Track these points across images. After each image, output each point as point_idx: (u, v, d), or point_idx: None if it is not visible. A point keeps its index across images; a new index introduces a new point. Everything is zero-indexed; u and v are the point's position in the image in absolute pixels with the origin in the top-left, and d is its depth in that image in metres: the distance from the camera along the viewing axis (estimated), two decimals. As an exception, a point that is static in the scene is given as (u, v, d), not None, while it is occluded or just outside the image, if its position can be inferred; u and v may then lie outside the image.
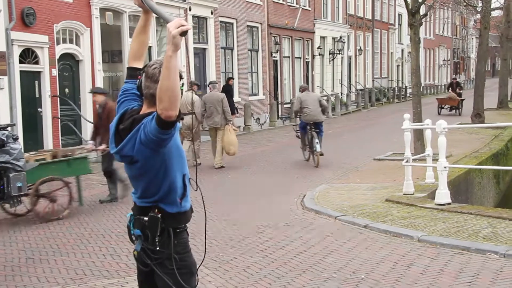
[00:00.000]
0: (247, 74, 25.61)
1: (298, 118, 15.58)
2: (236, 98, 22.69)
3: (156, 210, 3.21)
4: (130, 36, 17.36)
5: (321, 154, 13.94)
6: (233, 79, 22.62)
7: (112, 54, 18.23)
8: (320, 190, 10.83)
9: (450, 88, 31.08)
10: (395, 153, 14.79)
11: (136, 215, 3.29)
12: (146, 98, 3.19)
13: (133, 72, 3.42)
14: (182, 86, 3.41)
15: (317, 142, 13.82)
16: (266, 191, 11.03)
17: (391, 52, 45.92)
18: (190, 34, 21.26)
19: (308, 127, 14.18)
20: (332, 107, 29.79)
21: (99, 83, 16.78)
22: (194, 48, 21.74)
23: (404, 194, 9.80)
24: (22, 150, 8.90)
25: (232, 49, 24.67)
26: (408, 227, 7.66)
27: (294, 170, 13.53)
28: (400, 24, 47.45)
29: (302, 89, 15.27)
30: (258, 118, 24.41)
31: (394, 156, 14.51)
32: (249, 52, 26.06)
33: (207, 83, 15.83)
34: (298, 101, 14.59)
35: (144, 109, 3.20)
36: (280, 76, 28.81)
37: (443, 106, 29.07)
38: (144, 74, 3.20)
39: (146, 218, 3.21)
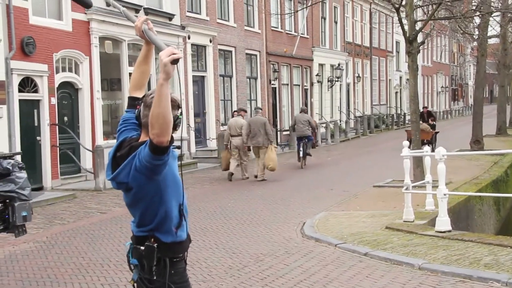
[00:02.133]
0: (246, 101, 25.68)
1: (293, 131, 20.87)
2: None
3: (152, 240, 3.23)
4: (129, 64, 17.49)
5: (309, 155, 19.19)
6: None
7: (111, 82, 18.30)
8: (320, 217, 10.76)
9: (420, 120, 27.90)
10: (395, 180, 14.75)
11: (134, 244, 3.32)
12: (144, 127, 3.24)
13: (133, 102, 3.47)
14: (181, 114, 3.47)
15: (300, 150, 18.68)
16: (266, 218, 10.97)
17: (389, 79, 46.17)
18: (189, 62, 21.39)
19: (301, 140, 18.82)
20: (331, 134, 29.85)
21: (98, 111, 16.83)
22: (193, 75, 21.85)
23: (404, 221, 9.74)
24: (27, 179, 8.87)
25: (231, 77, 24.78)
26: (408, 255, 7.59)
27: (293, 197, 13.48)
28: (398, 52, 47.78)
29: (300, 110, 20.95)
30: (257, 145, 24.35)
31: (393, 183, 14.47)
32: (248, 79, 26.18)
33: (254, 108, 20.72)
34: (293, 120, 20.14)
35: (142, 138, 3.25)
36: (279, 103, 28.91)
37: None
38: (142, 103, 3.26)
39: (142, 248, 3.24)
